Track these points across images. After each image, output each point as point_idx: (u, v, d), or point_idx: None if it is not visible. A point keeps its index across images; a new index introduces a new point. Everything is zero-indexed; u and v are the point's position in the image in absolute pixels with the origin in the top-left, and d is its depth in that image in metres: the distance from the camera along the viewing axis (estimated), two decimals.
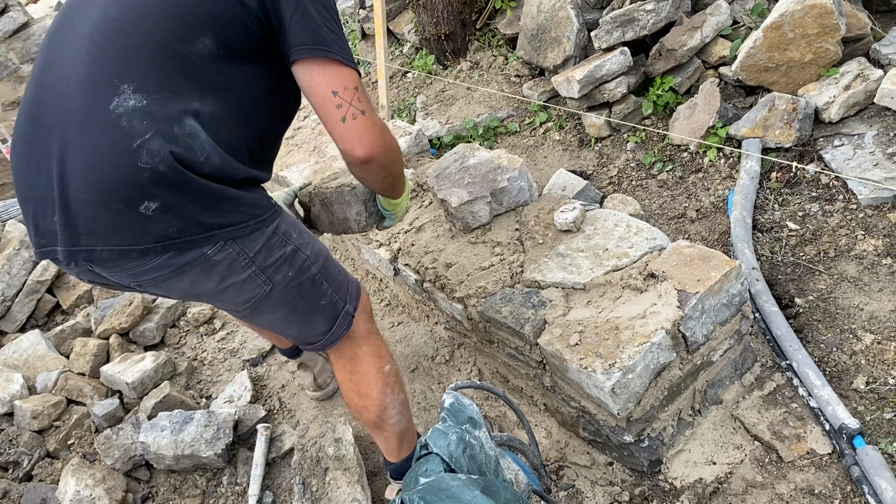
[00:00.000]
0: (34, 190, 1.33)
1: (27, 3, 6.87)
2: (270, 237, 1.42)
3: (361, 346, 1.70)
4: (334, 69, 1.35)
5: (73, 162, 1.27)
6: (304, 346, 1.71)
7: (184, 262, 1.33)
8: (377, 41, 3.76)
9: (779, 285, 2.23)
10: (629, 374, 1.59)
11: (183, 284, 1.39)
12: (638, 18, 2.91)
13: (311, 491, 1.90)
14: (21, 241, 3.07)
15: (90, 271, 1.38)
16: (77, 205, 1.26)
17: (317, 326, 1.61)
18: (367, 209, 1.82)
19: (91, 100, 1.26)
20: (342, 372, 1.73)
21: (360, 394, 1.71)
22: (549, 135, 3.36)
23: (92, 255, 1.29)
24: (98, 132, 1.25)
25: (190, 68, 1.29)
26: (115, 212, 1.25)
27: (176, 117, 1.26)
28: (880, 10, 2.71)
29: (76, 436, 2.36)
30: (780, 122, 2.52)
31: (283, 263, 1.46)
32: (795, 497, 1.67)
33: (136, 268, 1.32)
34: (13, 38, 4.14)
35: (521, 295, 1.92)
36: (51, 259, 1.37)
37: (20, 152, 1.38)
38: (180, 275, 1.35)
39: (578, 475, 1.90)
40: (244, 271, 1.40)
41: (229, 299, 1.48)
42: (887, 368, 1.86)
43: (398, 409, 1.73)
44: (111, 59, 1.27)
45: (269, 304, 1.50)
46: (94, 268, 1.35)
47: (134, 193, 1.24)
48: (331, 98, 1.34)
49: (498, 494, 1.05)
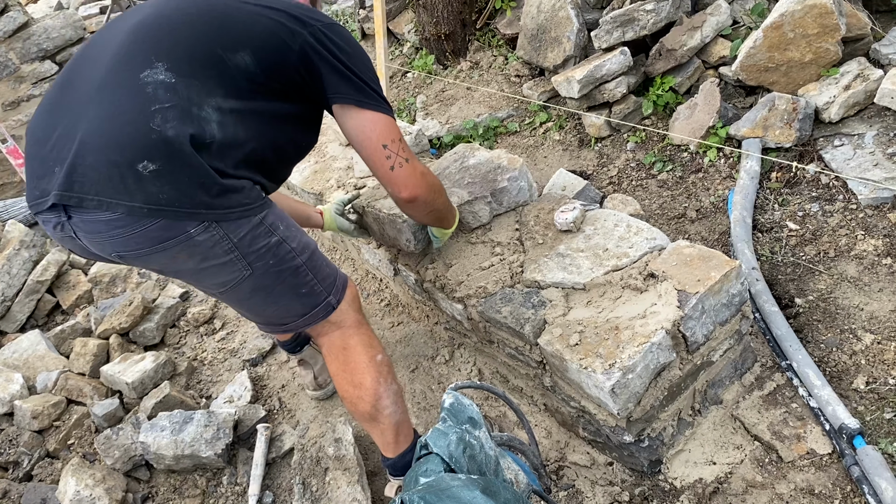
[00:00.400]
0: (43, 147, 1.40)
1: (27, 3, 6.87)
2: (256, 226, 1.47)
3: (352, 335, 1.73)
4: (384, 124, 1.56)
5: (90, 115, 1.35)
6: (276, 327, 1.73)
7: (166, 237, 1.37)
8: (377, 41, 3.76)
9: (779, 285, 2.23)
10: (629, 374, 1.59)
11: (163, 259, 1.44)
12: (638, 18, 2.91)
13: (311, 491, 1.90)
14: (21, 240, 3.07)
15: (73, 238, 1.42)
16: (81, 154, 1.32)
17: (293, 310, 1.64)
18: (416, 237, 2.12)
19: (123, 67, 1.37)
20: (335, 363, 1.75)
21: (353, 384, 1.72)
22: (549, 135, 3.36)
23: (82, 202, 1.33)
24: (121, 92, 1.35)
25: (223, 71, 1.40)
26: (114, 164, 1.31)
27: (197, 101, 1.36)
28: (880, 10, 2.71)
29: (76, 436, 2.36)
30: (780, 122, 2.52)
31: (266, 252, 1.50)
32: (795, 497, 1.67)
33: (119, 232, 1.35)
34: (13, 38, 4.14)
35: (521, 295, 1.92)
36: (40, 217, 1.43)
37: (40, 112, 1.47)
38: (162, 251, 1.39)
39: (578, 475, 1.90)
40: (226, 255, 1.45)
41: (206, 279, 1.52)
42: (887, 368, 1.86)
43: (392, 399, 1.74)
44: (153, 42, 1.39)
45: (246, 288, 1.54)
46: (78, 231, 1.39)
47: (137, 151, 1.31)
48: (381, 150, 1.57)
49: (498, 494, 1.05)
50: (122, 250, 1.40)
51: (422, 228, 2.12)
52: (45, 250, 3.17)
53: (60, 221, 1.39)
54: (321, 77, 1.51)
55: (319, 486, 1.91)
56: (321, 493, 1.89)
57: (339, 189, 2.75)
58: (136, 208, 1.32)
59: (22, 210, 3.83)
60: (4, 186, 4.17)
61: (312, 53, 1.48)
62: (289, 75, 1.49)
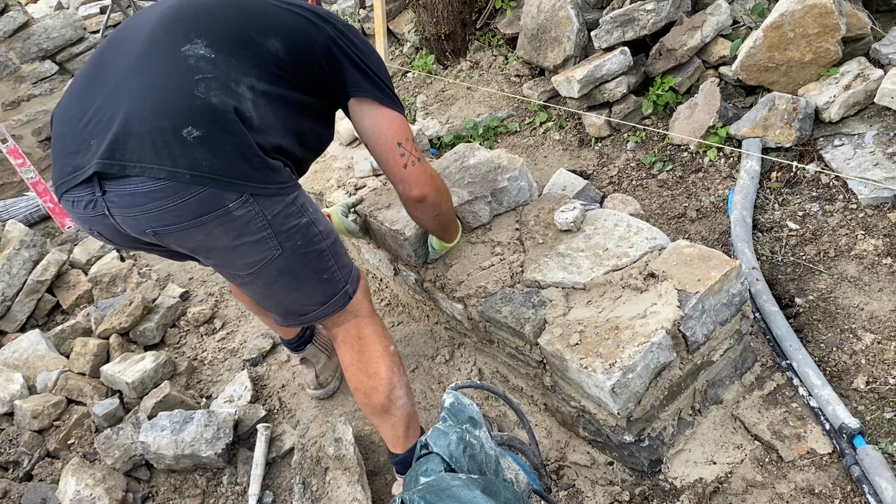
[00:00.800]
0: (76, 124, 1.39)
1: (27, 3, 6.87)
2: (289, 205, 1.48)
3: (367, 325, 1.74)
4: (399, 123, 1.60)
5: (131, 86, 1.35)
6: (295, 317, 1.72)
7: (204, 210, 1.36)
8: (377, 41, 3.76)
9: (779, 285, 2.23)
10: (629, 373, 1.59)
11: (198, 235, 1.42)
12: (638, 18, 2.91)
13: (311, 490, 1.90)
14: (21, 240, 3.07)
15: (103, 217, 1.39)
16: (125, 122, 1.32)
17: (314, 297, 1.65)
18: (417, 253, 2.16)
19: (163, 42, 1.39)
20: (349, 353, 1.73)
21: (368, 373, 1.71)
22: (550, 134, 3.36)
23: (124, 169, 1.31)
24: (163, 62, 1.36)
25: (256, 53, 1.43)
26: (159, 130, 1.31)
27: (235, 78, 1.38)
28: (880, 9, 2.71)
29: (76, 435, 2.36)
30: (780, 122, 2.52)
31: (296, 232, 1.51)
32: (796, 497, 1.67)
33: (158, 205, 1.33)
34: (13, 38, 4.13)
35: (522, 295, 1.92)
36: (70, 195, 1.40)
37: (72, 92, 1.46)
38: (199, 225, 1.38)
39: (578, 475, 1.90)
40: (259, 232, 1.45)
41: (237, 258, 1.51)
42: (887, 368, 1.86)
43: (405, 391, 1.74)
44: (190, 21, 1.41)
45: (274, 270, 1.54)
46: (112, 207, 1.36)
47: (182, 117, 1.31)
48: (396, 148, 1.60)
49: (498, 494, 1.05)
50: (157, 225, 1.38)
51: (423, 244, 2.15)
52: (46, 250, 3.17)
53: (94, 198, 1.37)
54: (342, 71, 1.54)
55: (319, 485, 1.91)
56: (321, 493, 1.89)
57: (339, 189, 2.75)
58: (179, 174, 1.31)
59: (22, 210, 3.83)
60: (4, 186, 4.17)
61: (335, 48, 1.52)
62: (312, 68, 1.52)
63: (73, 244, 3.55)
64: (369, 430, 2.20)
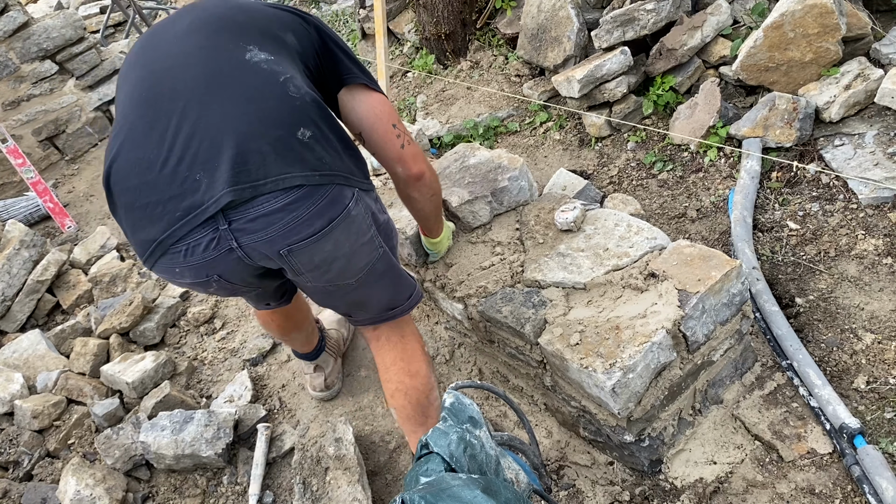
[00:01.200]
0: (160, 171, 1.25)
1: (27, 3, 6.87)
2: (377, 200, 1.51)
3: (407, 324, 1.74)
4: (389, 106, 1.63)
5: (218, 112, 1.26)
6: (385, 312, 1.69)
7: (333, 214, 1.34)
8: (377, 41, 3.76)
9: (779, 285, 2.23)
10: (630, 373, 1.59)
11: (327, 246, 1.38)
12: (638, 18, 2.91)
13: (311, 490, 1.90)
14: (21, 240, 3.07)
15: (229, 252, 1.30)
16: (236, 144, 1.24)
17: (404, 290, 1.68)
18: (417, 252, 2.20)
19: (223, 56, 1.33)
20: (392, 352, 1.70)
21: (410, 373, 1.68)
22: (550, 134, 3.36)
23: (256, 190, 1.24)
24: (240, 75, 1.30)
25: (288, 49, 1.43)
26: (277, 139, 1.26)
27: (298, 73, 1.39)
28: (881, 9, 2.71)
29: (76, 435, 2.35)
30: (780, 122, 2.52)
31: (386, 227, 1.55)
32: (796, 496, 1.67)
33: (293, 217, 1.29)
34: (13, 38, 4.13)
35: (522, 294, 1.92)
36: (180, 248, 1.27)
37: (127, 143, 1.29)
38: (328, 233, 1.35)
39: (579, 475, 1.90)
40: (369, 230, 1.46)
41: (355, 263, 1.48)
42: (888, 368, 1.86)
43: (438, 392, 1.72)
44: (229, 33, 1.37)
45: (379, 268, 1.54)
46: (242, 236, 1.28)
47: (291, 120, 1.29)
48: (392, 129, 1.61)
49: (498, 494, 1.05)
50: (294, 240, 1.32)
51: (419, 243, 2.16)
52: (46, 250, 3.17)
53: (216, 235, 1.27)
54: (335, 59, 1.56)
55: (320, 485, 1.91)
56: (321, 493, 1.89)
57: None
58: (309, 176, 1.28)
59: (22, 210, 3.83)
60: (4, 186, 4.16)
61: (327, 39, 1.56)
62: (315, 59, 1.53)
63: (73, 244, 3.55)
64: (369, 430, 2.20)
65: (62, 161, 4.48)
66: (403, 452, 2.11)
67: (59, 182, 4.36)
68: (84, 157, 4.54)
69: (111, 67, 4.56)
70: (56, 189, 4.24)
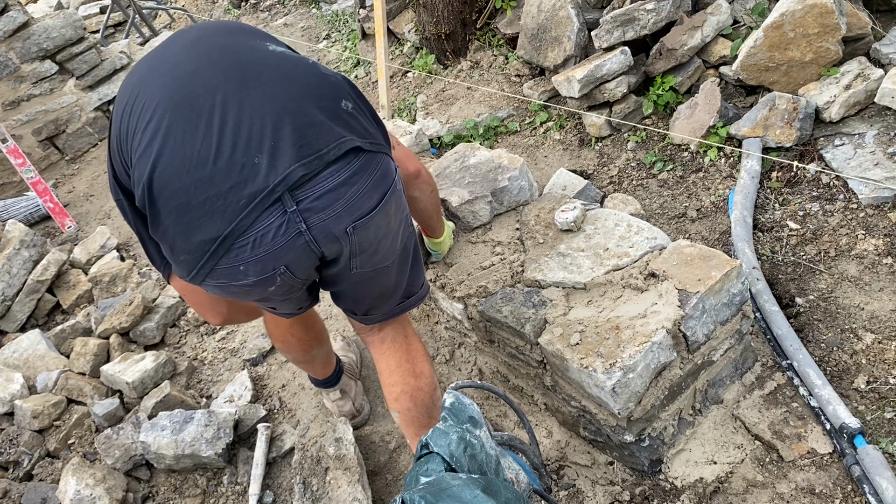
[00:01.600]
0: (214, 164, 1.21)
1: (27, 3, 6.87)
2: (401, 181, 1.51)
3: (408, 324, 1.76)
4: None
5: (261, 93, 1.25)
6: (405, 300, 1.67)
7: (386, 186, 1.35)
8: (377, 41, 3.76)
9: (779, 285, 2.23)
10: (630, 373, 1.59)
11: (382, 221, 1.38)
12: (638, 18, 2.91)
13: (311, 490, 1.90)
14: (21, 240, 3.07)
15: (298, 235, 1.26)
16: (292, 120, 1.23)
17: (420, 275, 1.70)
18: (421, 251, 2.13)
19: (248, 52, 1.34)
20: (396, 354, 1.70)
21: (415, 373, 1.68)
22: (550, 134, 3.35)
23: (322, 160, 1.23)
24: (273, 62, 1.32)
25: None
26: (327, 109, 1.28)
27: None
28: (881, 9, 2.71)
29: (76, 435, 2.35)
30: (780, 122, 2.52)
31: (408, 208, 1.56)
32: (796, 496, 1.67)
33: (356, 190, 1.29)
34: (13, 38, 4.13)
35: (522, 294, 1.92)
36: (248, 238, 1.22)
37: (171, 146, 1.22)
38: (384, 206, 1.36)
39: (579, 475, 1.90)
40: (405, 208, 1.50)
41: (400, 237, 1.50)
42: (888, 368, 1.86)
43: (440, 392, 1.72)
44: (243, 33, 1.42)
45: (409, 248, 1.58)
46: (310, 215, 1.25)
47: (331, 93, 1.31)
48: None
49: (499, 494, 1.05)
50: (358, 216, 1.31)
51: (422, 243, 2.14)
52: (46, 250, 3.17)
53: (284, 218, 1.23)
54: None
55: (320, 485, 1.91)
56: (322, 493, 1.89)
57: None
58: (363, 143, 1.30)
59: (22, 210, 3.83)
60: (4, 186, 4.16)
61: None
62: None
63: (73, 244, 3.54)
64: (369, 430, 2.20)
65: (62, 161, 4.48)
66: (403, 452, 2.11)
67: (59, 182, 4.36)
68: (84, 156, 4.55)
69: (111, 67, 4.56)
70: (56, 189, 4.24)
